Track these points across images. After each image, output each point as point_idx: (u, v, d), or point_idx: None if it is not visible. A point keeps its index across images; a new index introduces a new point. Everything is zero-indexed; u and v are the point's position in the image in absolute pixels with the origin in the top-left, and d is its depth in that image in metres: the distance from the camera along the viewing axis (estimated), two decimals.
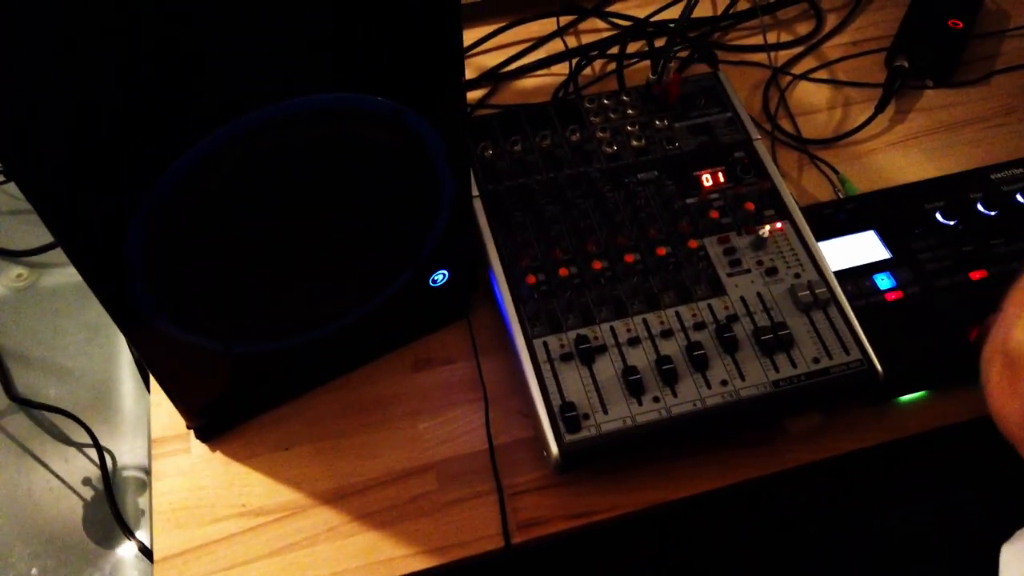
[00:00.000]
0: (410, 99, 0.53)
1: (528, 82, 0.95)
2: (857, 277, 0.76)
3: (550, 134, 0.78)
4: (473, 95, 0.92)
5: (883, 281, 0.75)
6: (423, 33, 0.49)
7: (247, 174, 0.49)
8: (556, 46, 0.97)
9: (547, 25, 0.98)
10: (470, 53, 0.96)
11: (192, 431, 0.68)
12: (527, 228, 0.72)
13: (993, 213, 0.80)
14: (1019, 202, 0.80)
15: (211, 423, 0.68)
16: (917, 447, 0.72)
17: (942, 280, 0.76)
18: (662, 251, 0.70)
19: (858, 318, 0.69)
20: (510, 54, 0.96)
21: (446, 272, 0.69)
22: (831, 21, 1.01)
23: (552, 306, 0.68)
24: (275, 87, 0.47)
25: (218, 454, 0.69)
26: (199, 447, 0.69)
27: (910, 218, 0.79)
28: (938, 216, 0.80)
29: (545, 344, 0.67)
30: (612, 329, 0.67)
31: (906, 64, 0.92)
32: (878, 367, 0.66)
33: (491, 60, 0.95)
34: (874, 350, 0.67)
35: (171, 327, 0.56)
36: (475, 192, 0.74)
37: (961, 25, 0.95)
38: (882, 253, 0.77)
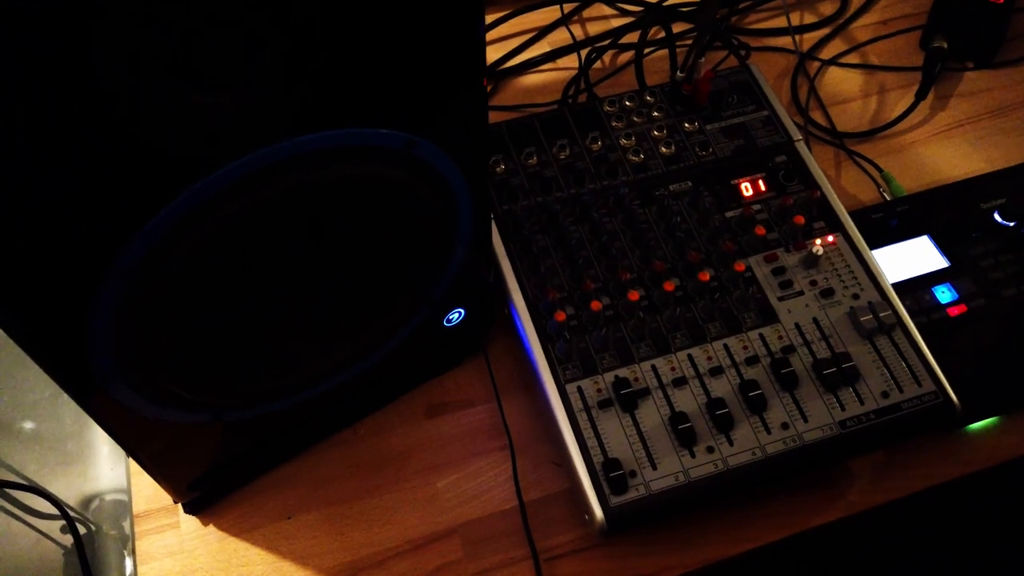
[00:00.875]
0: (421, 128, 0.44)
1: (533, 78, 0.86)
2: (915, 290, 0.68)
3: (568, 143, 0.69)
4: None
5: (944, 294, 0.68)
6: (434, 50, 0.41)
7: (242, 224, 0.41)
8: (561, 37, 0.88)
9: (549, 14, 0.89)
10: None
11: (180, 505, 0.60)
12: (550, 254, 0.64)
13: None
14: None
15: (202, 495, 0.59)
16: (987, 479, 0.65)
17: (1008, 290, 0.68)
18: (705, 276, 0.62)
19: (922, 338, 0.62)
20: (511, 47, 0.86)
21: (462, 311, 0.61)
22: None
23: (585, 345, 0.60)
24: (268, 127, 0.38)
25: (211, 528, 0.60)
26: (189, 521, 0.60)
27: (966, 220, 0.72)
28: (996, 216, 0.72)
29: (580, 390, 0.58)
30: (654, 368, 0.59)
31: (945, 45, 0.84)
32: (954, 399, 0.59)
33: (490, 55, 0.86)
34: (944, 375, 0.60)
35: (149, 406, 0.47)
36: (490, 215, 0.65)
37: (1003, 0, 0.87)
38: (939, 261, 0.70)
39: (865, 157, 0.79)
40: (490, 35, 0.88)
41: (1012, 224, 0.72)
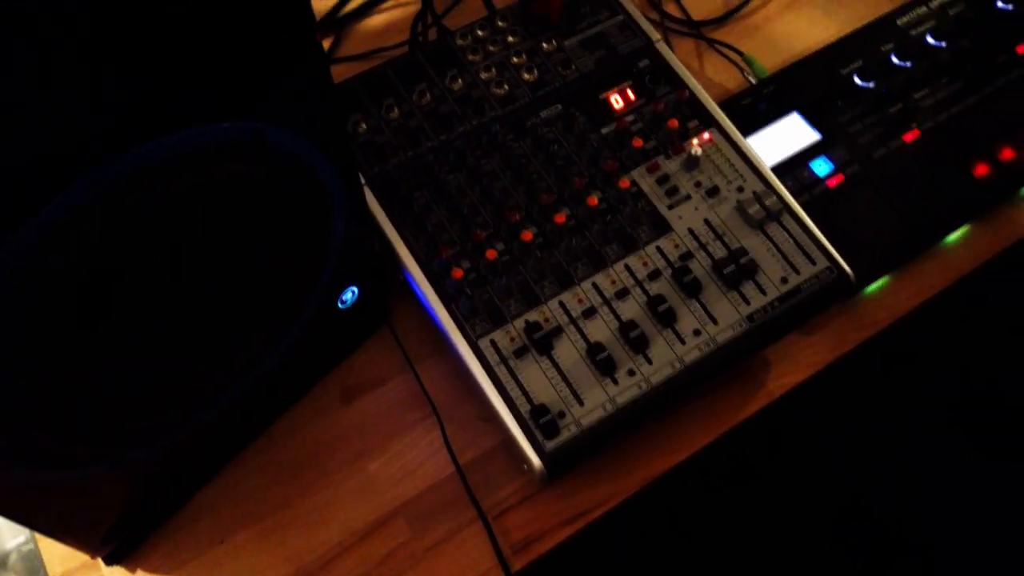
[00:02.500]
0: (264, 111, 0.39)
1: (376, 20, 0.80)
2: (794, 169, 0.69)
3: (427, 87, 0.65)
4: None
5: (820, 167, 0.69)
6: (253, 20, 0.36)
7: (92, 253, 0.36)
8: None
9: None
10: None
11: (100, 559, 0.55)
12: (434, 209, 0.61)
13: (909, 64, 0.74)
14: (931, 44, 0.75)
15: (121, 543, 0.55)
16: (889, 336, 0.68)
17: (878, 150, 0.70)
18: (593, 200, 0.61)
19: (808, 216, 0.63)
20: None
21: (355, 289, 0.58)
22: None
23: (488, 296, 0.58)
24: (92, 146, 0.33)
25: (140, 574, 0.56)
26: (115, 572, 0.56)
27: (829, 89, 0.73)
28: (856, 80, 0.73)
29: (493, 342, 0.57)
30: (562, 304, 0.58)
31: None
32: (847, 270, 0.61)
33: (325, 1, 0.80)
34: (834, 248, 0.62)
35: (32, 472, 0.42)
36: (362, 181, 0.61)
37: None
38: (811, 135, 0.71)
39: (725, 43, 0.78)
40: None
41: (872, 84, 0.73)
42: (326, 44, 0.78)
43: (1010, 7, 0.77)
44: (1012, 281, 1.02)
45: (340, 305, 0.58)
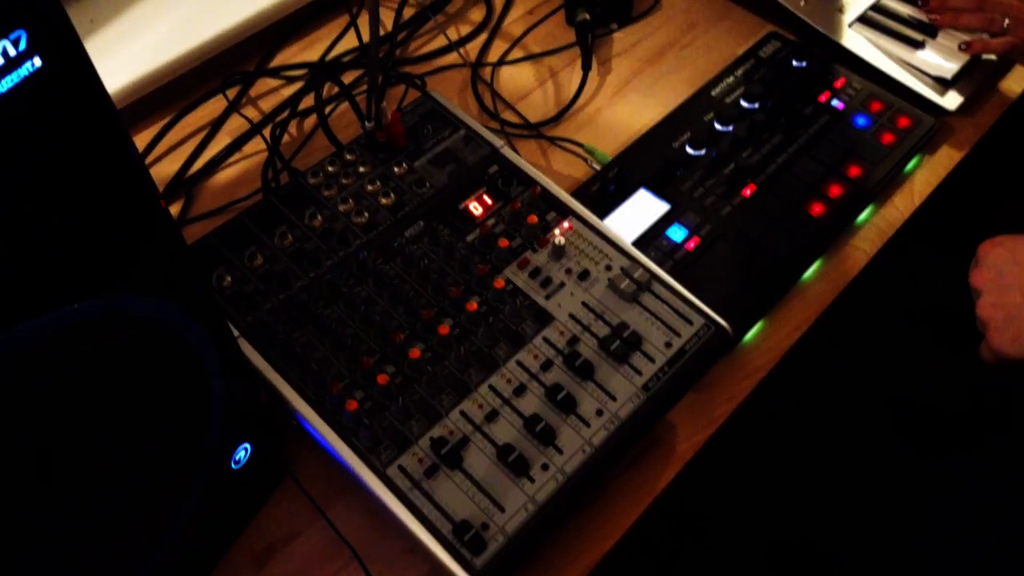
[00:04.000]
0: (120, 284, 0.38)
1: (225, 175, 0.80)
2: (653, 239, 0.73)
3: (287, 229, 0.65)
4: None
5: (676, 234, 0.74)
6: (89, 200, 0.36)
7: None
8: (237, 124, 0.83)
9: (216, 105, 0.84)
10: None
11: None
12: (317, 347, 0.60)
13: (731, 127, 0.81)
14: (745, 107, 0.83)
15: None
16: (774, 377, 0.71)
17: (724, 209, 0.75)
18: (473, 305, 0.62)
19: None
20: (190, 151, 0.80)
21: (247, 445, 0.55)
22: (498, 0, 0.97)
23: (388, 421, 0.57)
24: None
25: None
26: None
27: (667, 162, 0.78)
28: (688, 149, 0.79)
29: (401, 468, 0.55)
30: (464, 414, 0.58)
31: (587, 16, 0.91)
32: (723, 324, 0.64)
33: (171, 166, 0.79)
34: (706, 305, 0.65)
35: None
36: (235, 333, 0.59)
37: None
38: (661, 207, 0.76)
39: (565, 138, 0.83)
40: (163, 145, 0.81)
41: (703, 152, 0.79)
42: (177, 207, 0.77)
43: (804, 64, 0.86)
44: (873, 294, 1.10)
45: (234, 466, 0.55)
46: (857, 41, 0.87)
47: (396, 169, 0.70)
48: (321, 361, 0.59)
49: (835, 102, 0.83)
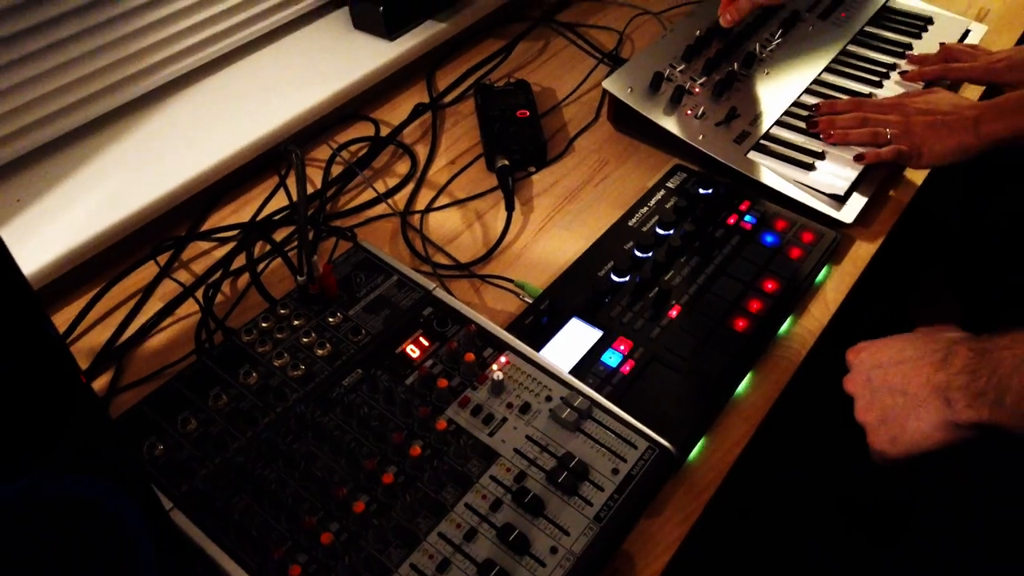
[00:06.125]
0: (46, 463, 0.37)
1: (157, 340, 0.79)
2: (589, 367, 0.75)
3: (221, 390, 0.65)
4: (99, 384, 0.74)
5: (611, 359, 0.75)
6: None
7: None
8: (169, 288, 0.83)
9: (148, 271, 0.84)
10: (71, 338, 0.78)
11: None
12: (256, 510, 0.58)
13: (650, 254, 0.85)
14: (661, 234, 0.87)
15: None
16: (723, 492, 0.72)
17: (653, 331, 0.78)
18: (416, 450, 0.61)
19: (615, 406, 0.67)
20: (120, 319, 0.80)
21: None
22: (421, 152, 1.02)
23: None
24: None
25: None
26: None
27: (594, 290, 0.81)
28: (613, 277, 0.83)
29: None
30: (414, 567, 0.56)
31: (507, 162, 0.96)
32: (667, 445, 0.65)
33: (102, 335, 0.78)
34: (648, 427, 0.66)
35: None
36: (168, 505, 0.57)
37: (528, 113, 1.02)
38: (594, 334, 0.77)
39: (495, 276, 0.86)
40: (92, 314, 0.80)
41: (627, 279, 0.82)
42: (107, 377, 0.75)
43: (710, 190, 0.92)
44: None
45: None
46: (756, 167, 0.93)
47: (331, 319, 0.70)
48: (261, 525, 0.57)
49: (743, 223, 0.89)
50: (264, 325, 0.70)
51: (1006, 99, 0.86)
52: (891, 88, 1.04)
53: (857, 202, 0.90)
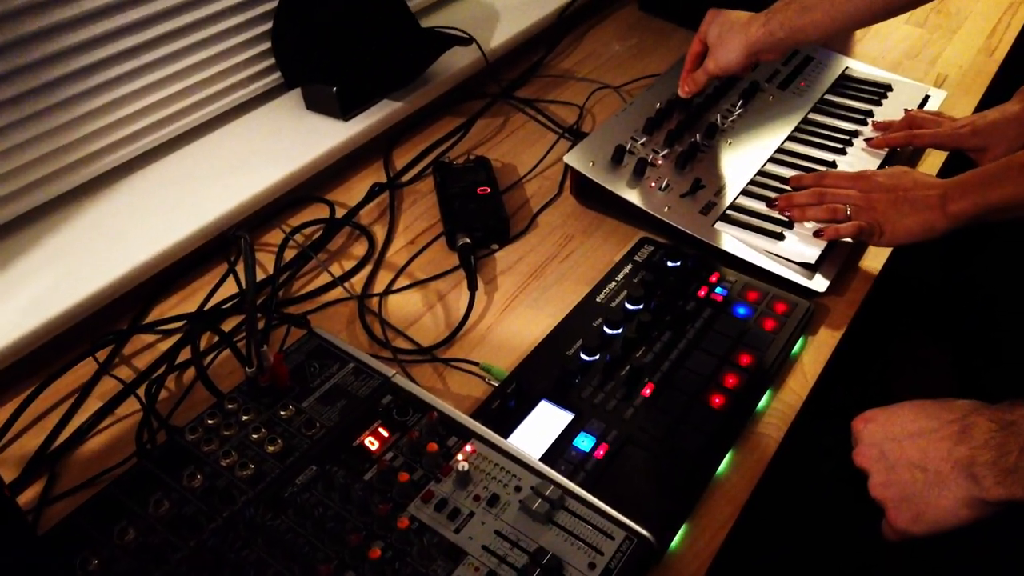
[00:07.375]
0: None
1: (96, 442, 0.74)
2: (561, 452, 0.70)
3: (163, 495, 0.59)
4: (30, 495, 0.68)
5: (584, 443, 0.71)
6: None
7: None
8: (110, 386, 0.78)
9: (86, 368, 0.79)
10: (2, 442, 0.72)
11: None
12: None
13: (620, 330, 0.82)
14: (631, 309, 0.85)
15: None
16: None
17: (627, 411, 0.74)
18: (376, 552, 0.56)
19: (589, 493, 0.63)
20: (55, 421, 0.74)
21: None
22: (379, 232, 0.99)
23: None
24: None
25: None
26: None
27: (563, 371, 0.78)
28: (583, 356, 0.79)
29: None
30: None
31: (468, 240, 0.94)
32: (646, 534, 0.60)
33: (35, 440, 0.72)
34: (625, 516, 0.61)
35: None
36: None
37: (488, 190, 1.01)
38: (565, 417, 0.74)
39: (459, 359, 0.82)
40: (25, 416, 0.74)
41: (597, 357, 0.79)
42: (38, 486, 0.69)
43: (678, 263, 0.90)
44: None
45: None
46: (724, 238, 0.92)
47: (282, 412, 0.66)
48: None
49: (714, 295, 0.86)
50: (210, 422, 0.65)
51: (971, 175, 0.85)
52: (856, 154, 1.05)
53: (829, 270, 0.89)
